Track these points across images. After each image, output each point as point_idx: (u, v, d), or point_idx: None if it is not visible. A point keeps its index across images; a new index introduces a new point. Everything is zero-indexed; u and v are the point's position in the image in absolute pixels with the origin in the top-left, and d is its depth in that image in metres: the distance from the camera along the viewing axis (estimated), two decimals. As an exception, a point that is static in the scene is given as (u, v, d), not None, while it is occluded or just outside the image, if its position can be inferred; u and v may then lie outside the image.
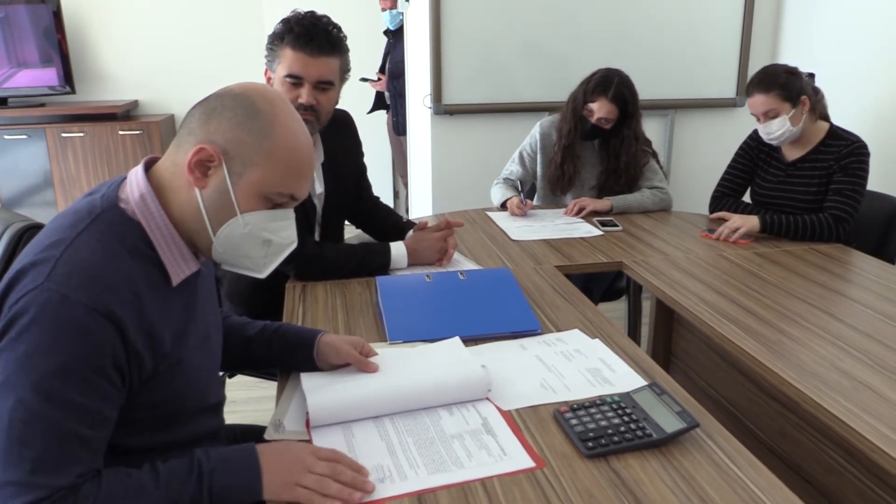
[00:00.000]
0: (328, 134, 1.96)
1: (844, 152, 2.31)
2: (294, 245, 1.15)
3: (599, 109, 2.59)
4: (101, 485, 0.93)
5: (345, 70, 1.83)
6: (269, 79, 1.81)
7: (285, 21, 1.76)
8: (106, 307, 0.93)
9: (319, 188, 1.98)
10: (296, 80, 1.75)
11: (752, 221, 2.33)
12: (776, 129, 2.31)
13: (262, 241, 1.09)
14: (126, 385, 0.98)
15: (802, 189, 2.39)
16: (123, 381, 0.98)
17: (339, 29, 1.79)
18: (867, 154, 2.32)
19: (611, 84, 2.58)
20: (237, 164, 1.03)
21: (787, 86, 2.29)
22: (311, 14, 1.77)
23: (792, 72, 2.32)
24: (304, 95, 1.75)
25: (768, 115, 2.30)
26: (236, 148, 1.02)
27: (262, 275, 1.14)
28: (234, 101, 1.04)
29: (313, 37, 1.72)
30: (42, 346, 0.90)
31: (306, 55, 1.73)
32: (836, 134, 2.36)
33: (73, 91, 4.55)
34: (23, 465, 0.89)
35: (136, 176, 1.06)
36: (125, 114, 4.68)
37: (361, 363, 1.32)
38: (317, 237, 2.03)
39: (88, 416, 0.93)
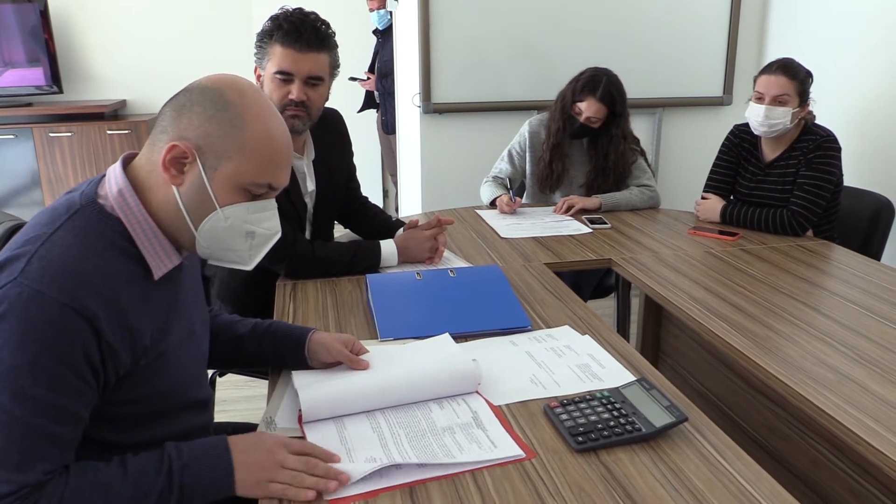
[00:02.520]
0: (318, 132, 1.96)
1: (812, 146, 2.34)
2: (278, 235, 1.15)
3: (588, 109, 2.60)
4: (67, 482, 0.93)
5: (334, 66, 1.84)
6: (258, 76, 1.81)
7: (274, 18, 1.76)
8: (79, 303, 0.92)
9: (311, 185, 1.98)
10: (286, 77, 1.76)
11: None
12: (778, 118, 2.31)
13: (244, 233, 1.08)
14: (101, 382, 0.98)
15: (778, 188, 2.42)
16: (97, 377, 0.97)
17: (328, 25, 1.80)
18: (835, 148, 2.35)
19: (599, 84, 2.59)
20: (211, 158, 1.02)
21: (806, 83, 2.32)
22: (300, 10, 1.77)
23: (811, 75, 2.35)
24: (295, 91, 1.76)
25: (777, 100, 2.30)
26: (209, 142, 1.01)
27: (249, 266, 1.14)
28: (202, 95, 1.03)
29: (302, 33, 1.73)
30: (11, 341, 0.90)
31: (295, 51, 1.74)
32: (807, 129, 2.39)
33: (60, 91, 4.52)
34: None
35: (114, 172, 1.05)
36: (113, 113, 4.66)
37: (352, 361, 1.32)
38: (307, 236, 2.03)
39: (57, 413, 0.92)
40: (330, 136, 2.03)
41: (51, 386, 0.91)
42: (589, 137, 2.72)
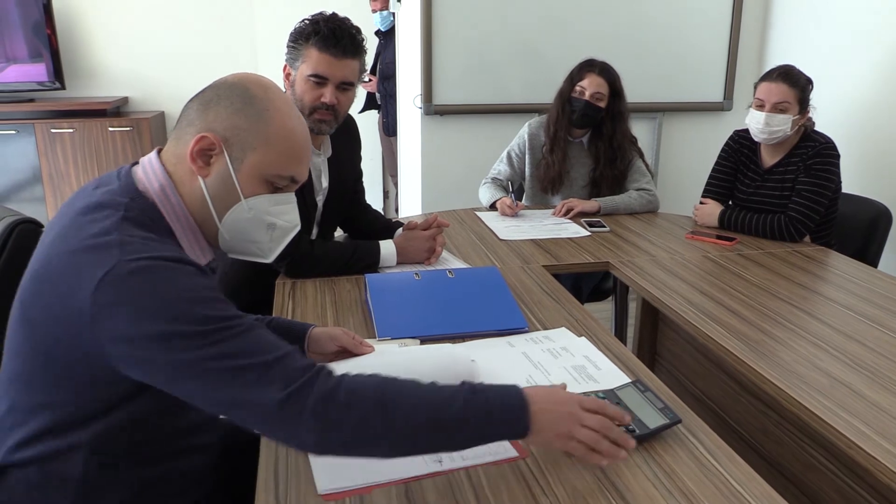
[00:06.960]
0: (334, 133, 1.98)
1: (811, 153, 2.35)
2: (297, 228, 1.18)
3: (590, 85, 2.64)
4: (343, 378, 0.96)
5: (362, 71, 1.88)
6: (287, 75, 1.84)
7: (312, 21, 1.80)
8: (182, 258, 0.98)
9: (325, 182, 2.00)
10: (320, 80, 1.80)
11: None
12: (778, 125, 2.32)
13: (266, 224, 1.11)
14: None
15: (776, 194, 2.43)
16: None
17: (360, 31, 1.84)
18: (834, 155, 2.36)
19: (595, 63, 2.68)
20: (237, 149, 1.05)
21: (806, 91, 2.33)
22: (335, 16, 1.82)
23: (811, 82, 2.36)
24: (328, 95, 1.80)
25: (778, 108, 2.31)
26: (235, 134, 1.05)
27: (269, 259, 1.17)
28: (229, 90, 1.07)
29: (339, 39, 1.77)
30: (175, 297, 0.92)
31: (331, 56, 1.78)
32: (807, 136, 2.40)
33: (62, 87, 4.53)
34: (273, 369, 0.93)
35: (152, 167, 1.08)
36: (115, 110, 4.67)
37: (355, 346, 1.34)
38: (313, 237, 2.04)
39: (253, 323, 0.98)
40: (344, 137, 2.06)
41: (226, 307, 0.97)
42: (589, 135, 2.74)
